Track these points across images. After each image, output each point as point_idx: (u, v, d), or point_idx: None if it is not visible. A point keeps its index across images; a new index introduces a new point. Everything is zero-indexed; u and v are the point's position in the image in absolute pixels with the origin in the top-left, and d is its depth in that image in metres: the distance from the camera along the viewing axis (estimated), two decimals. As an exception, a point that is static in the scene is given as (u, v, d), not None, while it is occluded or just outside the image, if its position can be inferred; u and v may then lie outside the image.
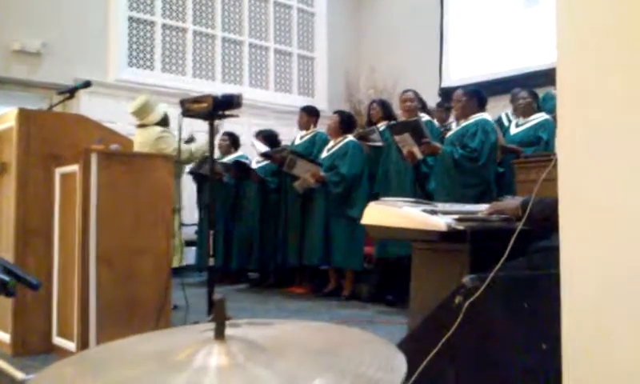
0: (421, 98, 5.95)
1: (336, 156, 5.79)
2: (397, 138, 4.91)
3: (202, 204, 6.94)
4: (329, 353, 0.87)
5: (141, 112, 5.05)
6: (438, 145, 4.78)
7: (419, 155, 4.85)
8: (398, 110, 5.90)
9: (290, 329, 1.01)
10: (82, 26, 7.56)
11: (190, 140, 5.52)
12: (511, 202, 2.54)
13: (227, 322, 0.87)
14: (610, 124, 1.29)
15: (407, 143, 4.84)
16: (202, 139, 5.30)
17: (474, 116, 4.85)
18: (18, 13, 7.13)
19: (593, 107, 1.32)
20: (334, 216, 5.69)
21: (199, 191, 6.94)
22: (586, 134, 1.33)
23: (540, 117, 5.21)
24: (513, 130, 5.36)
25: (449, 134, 5.10)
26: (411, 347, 2.03)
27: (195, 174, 6.73)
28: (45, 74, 7.30)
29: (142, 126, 5.05)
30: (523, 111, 5.31)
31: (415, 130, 4.79)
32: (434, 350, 1.82)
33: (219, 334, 0.85)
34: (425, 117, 5.44)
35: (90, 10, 7.68)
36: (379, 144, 5.66)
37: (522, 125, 5.31)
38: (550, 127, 4.99)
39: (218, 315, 0.85)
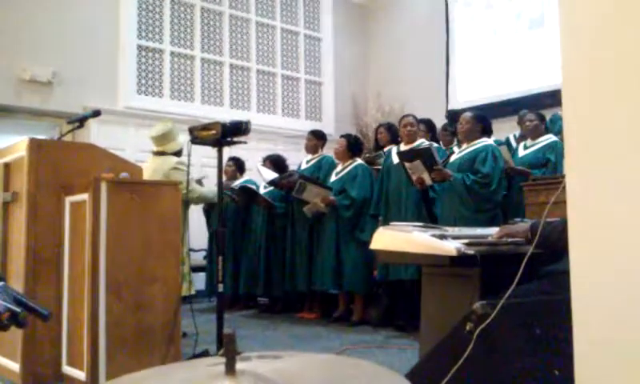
0: (429, 121, 5.96)
1: (345, 179, 5.79)
2: (407, 164, 4.90)
3: (210, 229, 6.95)
4: (339, 386, 0.87)
5: (162, 138, 5.00)
6: (449, 172, 4.77)
7: (429, 181, 4.84)
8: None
9: (300, 362, 1.00)
10: (91, 54, 7.65)
11: (199, 181, 5.50)
12: (521, 226, 2.53)
13: (238, 356, 0.86)
14: (617, 144, 1.29)
15: (418, 170, 4.83)
16: (213, 187, 5.27)
17: (477, 141, 4.86)
18: (29, 42, 7.23)
19: (600, 128, 1.32)
20: (344, 240, 5.68)
21: (207, 217, 6.96)
22: (594, 155, 1.32)
23: (548, 138, 5.21)
24: (521, 152, 5.35)
25: (452, 158, 5.08)
26: (422, 375, 2.01)
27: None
28: (55, 103, 7.38)
29: (158, 153, 5.03)
30: (531, 133, 5.31)
31: (427, 157, 4.78)
32: (446, 378, 1.80)
33: (230, 369, 0.84)
34: (426, 142, 5.44)
35: (100, 38, 7.78)
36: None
37: (530, 147, 5.30)
38: (558, 149, 4.98)
39: (229, 350, 0.85)
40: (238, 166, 7.05)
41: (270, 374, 0.86)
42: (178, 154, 5.03)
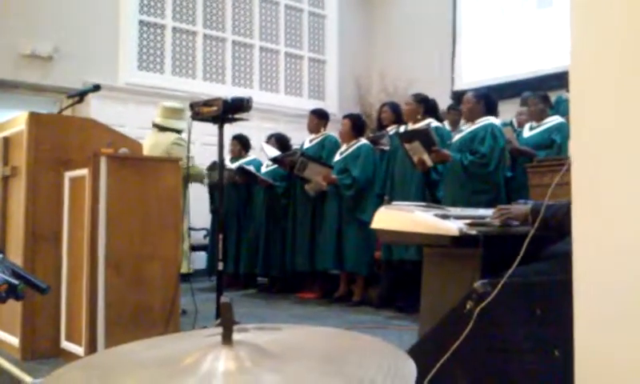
0: (429, 100, 5.86)
1: (348, 159, 5.76)
2: (407, 145, 4.88)
3: (212, 207, 6.94)
4: (337, 359, 0.86)
5: (171, 112, 5.06)
6: (447, 152, 4.75)
7: (429, 163, 4.80)
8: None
9: (299, 334, 0.99)
10: (92, 29, 7.60)
11: (212, 168, 5.51)
12: (520, 208, 2.51)
13: (235, 327, 0.85)
14: (624, 127, 1.28)
15: (417, 151, 4.80)
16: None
17: (480, 120, 4.83)
18: (30, 17, 7.17)
19: (607, 110, 1.30)
20: (345, 220, 5.66)
21: (211, 195, 6.94)
22: (600, 137, 1.31)
23: (554, 120, 5.18)
24: (526, 133, 5.32)
25: (455, 138, 5.06)
26: (422, 353, 2.01)
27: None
28: (55, 78, 7.34)
29: (159, 127, 5.05)
30: (535, 116, 5.28)
31: (425, 138, 4.76)
32: (445, 356, 1.80)
33: (227, 339, 0.83)
34: (433, 122, 5.39)
35: (101, 13, 7.72)
36: (389, 148, 5.64)
37: (536, 128, 5.27)
38: (564, 130, 4.95)
39: (226, 319, 0.83)
40: (243, 144, 7.00)
41: (268, 345, 0.85)
42: (178, 133, 5.04)
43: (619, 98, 1.29)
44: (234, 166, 6.68)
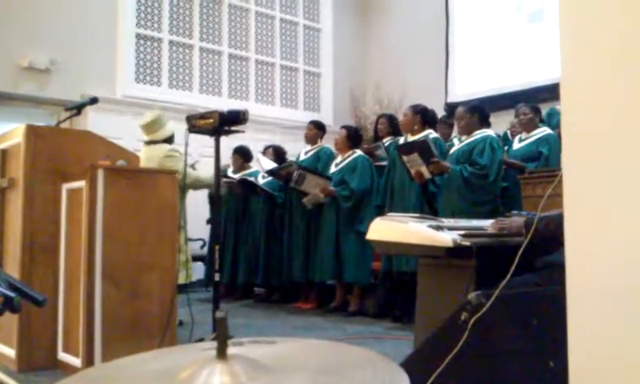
0: (427, 111, 5.85)
1: (345, 170, 5.78)
2: (405, 157, 4.87)
3: (210, 219, 6.95)
4: (332, 372, 0.87)
5: (151, 126, 4.98)
6: (446, 164, 4.75)
7: (427, 175, 4.79)
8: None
9: (294, 347, 1.00)
10: (90, 42, 7.62)
11: (192, 166, 5.47)
12: (515, 221, 2.53)
13: (231, 341, 0.86)
14: (614, 138, 1.29)
15: (416, 163, 4.78)
16: (210, 170, 5.24)
17: (477, 132, 4.84)
18: (27, 30, 7.19)
19: (597, 121, 1.32)
20: (343, 231, 5.68)
21: (211, 205, 6.94)
22: (591, 147, 1.33)
23: (542, 132, 5.21)
24: (516, 145, 5.36)
25: (452, 150, 5.06)
26: (417, 364, 2.02)
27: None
28: (53, 91, 7.35)
29: (150, 142, 5.02)
30: (525, 126, 5.32)
31: (424, 150, 4.75)
32: (440, 368, 1.81)
33: (221, 353, 0.84)
34: (432, 134, 5.40)
35: (98, 26, 7.74)
36: (384, 163, 5.64)
37: (524, 139, 5.31)
38: (551, 142, 4.99)
39: (220, 334, 0.85)
40: (243, 156, 7.02)
41: (262, 359, 0.86)
42: (169, 140, 4.99)
43: (610, 109, 1.30)
44: (237, 176, 6.70)
